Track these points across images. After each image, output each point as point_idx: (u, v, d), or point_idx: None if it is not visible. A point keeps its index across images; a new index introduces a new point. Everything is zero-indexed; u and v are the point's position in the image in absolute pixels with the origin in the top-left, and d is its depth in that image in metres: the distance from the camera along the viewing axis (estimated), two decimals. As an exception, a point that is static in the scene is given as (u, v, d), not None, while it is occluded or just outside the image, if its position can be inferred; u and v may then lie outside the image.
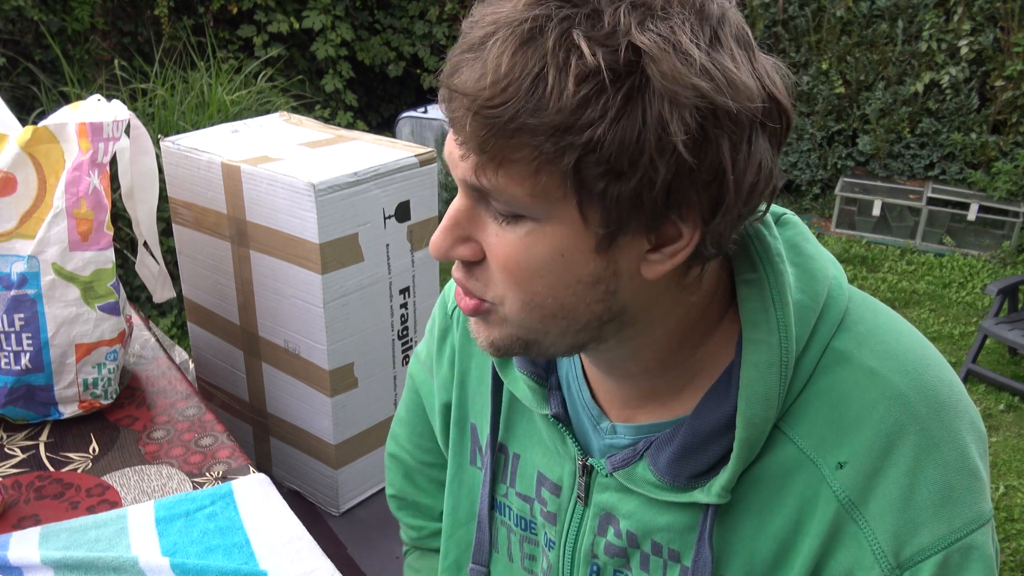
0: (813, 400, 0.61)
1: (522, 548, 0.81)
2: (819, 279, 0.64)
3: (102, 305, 1.34)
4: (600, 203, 0.53)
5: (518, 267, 0.57)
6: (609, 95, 0.50)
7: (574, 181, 0.52)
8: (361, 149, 1.68)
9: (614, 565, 0.72)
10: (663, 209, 0.54)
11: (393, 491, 1.02)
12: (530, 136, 0.51)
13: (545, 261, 0.57)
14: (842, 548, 0.60)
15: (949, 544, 0.58)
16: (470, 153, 0.54)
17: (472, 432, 0.85)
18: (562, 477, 0.74)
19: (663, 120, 0.50)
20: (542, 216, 0.55)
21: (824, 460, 0.60)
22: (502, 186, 0.54)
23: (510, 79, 0.50)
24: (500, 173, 0.53)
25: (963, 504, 0.59)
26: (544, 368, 0.74)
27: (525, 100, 0.50)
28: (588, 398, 0.72)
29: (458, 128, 0.54)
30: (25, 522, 1.13)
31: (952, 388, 0.63)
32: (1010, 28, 4.47)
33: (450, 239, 0.60)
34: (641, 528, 0.68)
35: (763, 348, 0.60)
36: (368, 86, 6.33)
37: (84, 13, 4.41)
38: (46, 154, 1.33)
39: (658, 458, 0.65)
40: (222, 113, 3.70)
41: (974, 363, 3.32)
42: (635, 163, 0.51)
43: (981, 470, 0.61)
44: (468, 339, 0.83)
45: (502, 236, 0.57)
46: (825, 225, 4.89)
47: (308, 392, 1.70)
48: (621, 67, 0.50)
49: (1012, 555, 2.51)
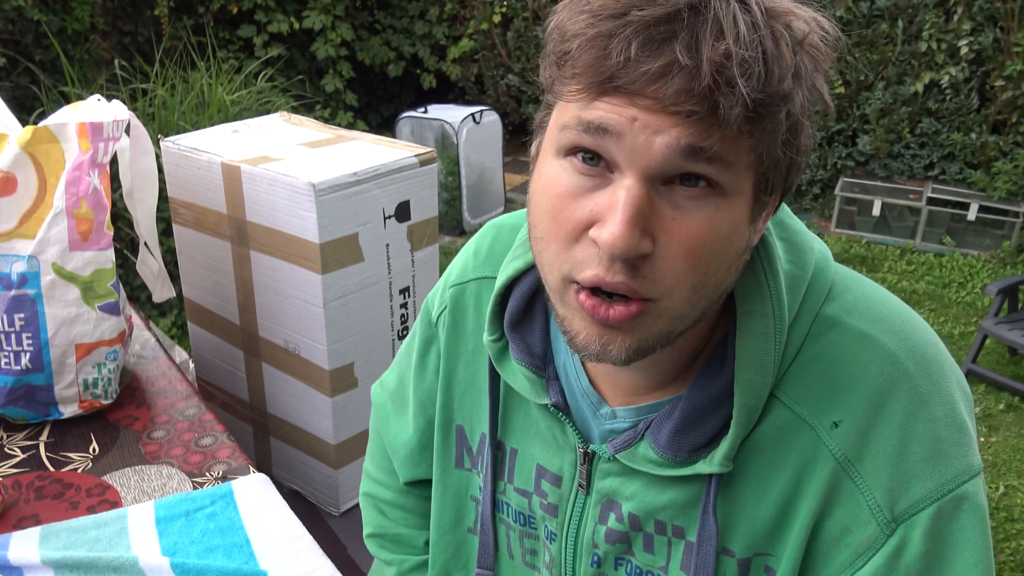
0: (806, 365, 0.63)
1: (522, 544, 0.81)
2: (806, 251, 0.66)
3: (102, 305, 1.34)
4: (774, 173, 0.55)
5: (703, 248, 0.54)
6: (799, 65, 0.52)
7: (770, 150, 0.53)
8: (361, 149, 1.68)
9: (615, 553, 0.72)
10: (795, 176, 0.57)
11: (370, 530, 0.99)
12: (765, 105, 0.51)
13: (726, 236, 0.55)
14: (839, 506, 0.61)
15: (941, 496, 0.60)
16: (707, 127, 0.50)
17: (458, 434, 0.84)
18: (562, 467, 0.74)
19: (816, 91, 0.54)
20: (733, 189, 0.54)
21: (819, 421, 0.62)
22: (731, 153, 0.52)
23: (752, 47, 0.50)
24: (732, 142, 0.52)
25: (953, 457, 0.61)
26: (541, 358, 0.74)
27: (762, 67, 0.50)
28: (587, 385, 0.72)
29: (688, 103, 0.50)
30: (25, 522, 1.13)
31: (938, 349, 0.65)
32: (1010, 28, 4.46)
33: (638, 231, 0.53)
34: (644, 509, 0.68)
35: (757, 318, 0.61)
36: (368, 86, 6.33)
37: (84, 13, 4.41)
38: (46, 154, 1.33)
39: (659, 435, 0.66)
40: (222, 113, 3.70)
41: (974, 363, 3.31)
42: (800, 132, 0.54)
43: (969, 425, 0.63)
44: (455, 341, 0.82)
45: (685, 219, 0.54)
46: (825, 225, 4.89)
47: (308, 392, 1.70)
48: (801, 39, 0.53)
49: (1012, 555, 2.51)
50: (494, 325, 0.75)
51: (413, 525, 0.96)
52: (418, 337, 0.88)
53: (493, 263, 0.80)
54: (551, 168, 0.58)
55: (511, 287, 0.75)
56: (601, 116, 0.52)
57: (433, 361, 0.85)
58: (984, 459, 2.93)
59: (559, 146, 0.57)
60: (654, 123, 0.51)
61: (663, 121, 0.51)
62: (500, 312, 0.75)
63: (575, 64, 0.53)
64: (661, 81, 0.50)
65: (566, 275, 0.57)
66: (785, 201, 0.63)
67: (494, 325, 0.75)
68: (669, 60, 0.49)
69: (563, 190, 0.56)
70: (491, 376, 0.78)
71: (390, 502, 0.98)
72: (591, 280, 0.55)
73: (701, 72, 0.49)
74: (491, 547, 0.83)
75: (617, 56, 0.50)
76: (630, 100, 0.52)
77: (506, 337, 0.75)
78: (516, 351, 0.74)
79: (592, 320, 0.57)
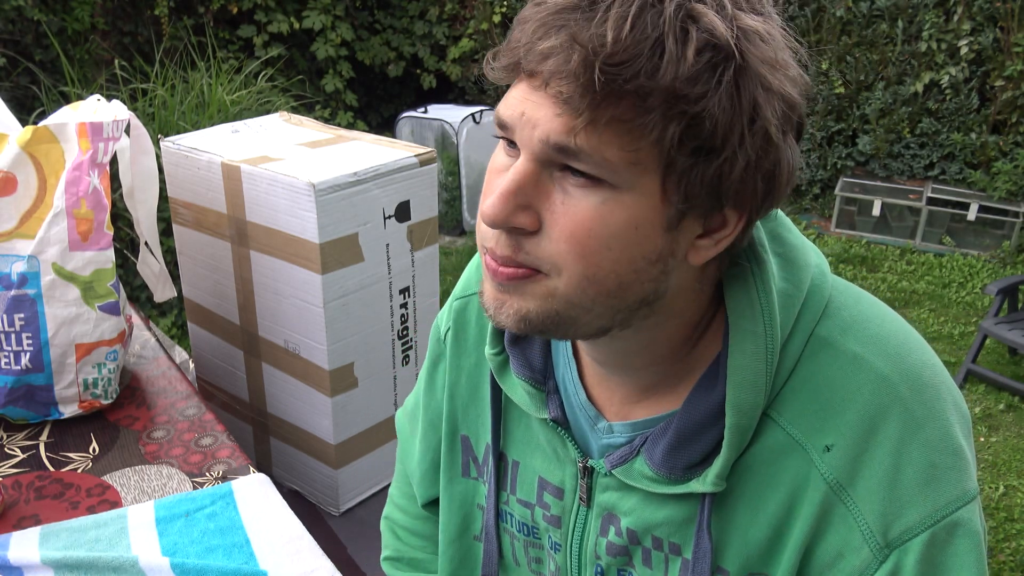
0: (799, 386, 0.62)
1: (527, 552, 0.81)
2: (802, 268, 0.65)
3: (102, 305, 1.34)
4: (684, 179, 0.54)
5: (588, 236, 0.56)
6: (720, 70, 0.51)
7: (668, 153, 0.53)
8: (361, 149, 1.68)
9: (617, 565, 0.72)
10: (730, 194, 0.55)
11: (387, 553, 1.00)
12: (643, 99, 0.51)
13: (618, 232, 0.56)
14: (831, 531, 0.61)
15: (935, 522, 0.59)
16: (574, 109, 0.52)
17: (463, 443, 0.84)
18: (564, 480, 0.74)
19: (757, 104, 0.53)
20: (624, 185, 0.54)
21: (812, 444, 0.61)
22: (596, 147, 0.53)
23: (634, 38, 0.50)
24: (599, 133, 0.52)
25: (948, 483, 0.60)
26: (542, 372, 0.74)
27: (646, 62, 0.50)
28: (584, 399, 0.72)
29: (562, 83, 0.52)
30: (25, 522, 1.13)
31: (935, 371, 0.64)
32: (1010, 28, 4.46)
33: (511, 205, 0.57)
34: (641, 524, 0.68)
35: (748, 336, 0.61)
36: (368, 86, 6.33)
37: (84, 13, 4.42)
38: (46, 154, 1.33)
39: (653, 452, 0.66)
40: (222, 113, 3.70)
41: (974, 363, 3.31)
42: (726, 143, 0.53)
43: (965, 449, 0.62)
44: (458, 354, 0.83)
45: (571, 204, 0.56)
46: (825, 225, 4.89)
47: (308, 392, 1.70)
48: (731, 45, 0.51)
49: (1012, 555, 2.51)
50: (495, 339, 0.76)
51: (431, 552, 0.97)
52: (429, 356, 0.89)
53: None
54: (497, 150, 0.63)
55: None
56: (503, 113, 0.58)
57: (441, 378, 0.86)
58: (984, 459, 2.93)
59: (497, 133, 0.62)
60: (535, 117, 0.55)
61: (543, 113, 0.54)
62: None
63: (505, 48, 0.57)
64: (545, 61, 0.53)
65: (480, 243, 0.62)
66: (785, 201, 0.63)
67: (495, 339, 0.76)
68: (555, 42, 0.52)
69: (494, 167, 0.62)
70: (493, 389, 0.78)
71: (408, 528, 0.99)
72: (489, 252, 0.60)
73: (575, 53, 0.51)
74: (495, 555, 0.83)
75: (525, 39, 0.54)
76: (529, 87, 0.56)
77: (507, 351, 0.75)
78: (516, 365, 0.74)
79: (491, 280, 0.61)
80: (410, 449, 0.95)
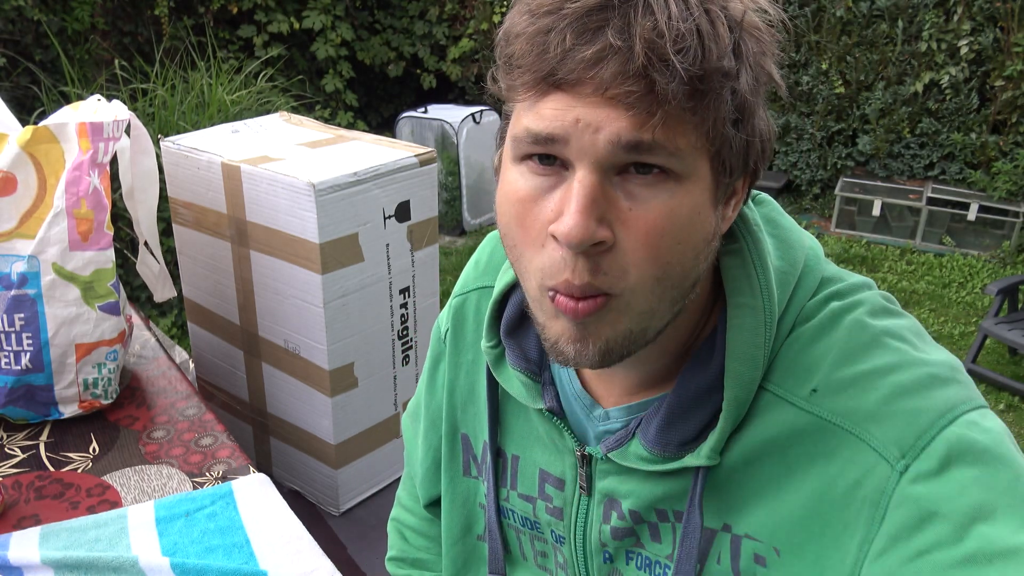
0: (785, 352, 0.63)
1: (533, 546, 0.81)
2: (796, 247, 0.66)
3: (102, 305, 1.34)
4: (728, 153, 0.55)
5: (662, 235, 0.54)
6: (741, 43, 0.54)
7: (718, 131, 0.54)
8: (361, 149, 1.68)
9: (625, 547, 0.72)
10: (751, 159, 0.58)
11: (392, 553, 1.01)
12: (700, 81, 0.51)
13: (686, 223, 0.55)
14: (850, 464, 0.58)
15: (950, 421, 0.57)
16: (645, 106, 0.51)
17: (464, 442, 0.85)
18: (564, 471, 0.75)
19: (765, 72, 0.56)
20: (686, 172, 0.54)
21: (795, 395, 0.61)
22: (671, 138, 0.52)
23: (686, 26, 0.51)
24: (672, 125, 0.52)
25: (953, 385, 0.59)
26: (537, 363, 0.74)
27: (696, 44, 0.51)
28: (579, 388, 0.73)
29: (628, 83, 0.51)
30: (25, 522, 1.13)
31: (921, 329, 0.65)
32: (1010, 28, 4.46)
33: (593, 220, 0.53)
34: (641, 503, 0.69)
35: (747, 311, 0.62)
36: (368, 86, 6.33)
37: (84, 13, 4.42)
38: (46, 154, 1.33)
39: (648, 431, 0.66)
40: (222, 113, 3.70)
41: (974, 363, 3.31)
42: (753, 111, 0.55)
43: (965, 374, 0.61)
44: (457, 351, 0.84)
45: (641, 207, 0.54)
46: (825, 225, 4.89)
47: (308, 392, 1.70)
48: (739, 19, 0.54)
49: (1012, 555, 2.51)
50: (491, 332, 0.76)
51: (436, 553, 0.97)
52: (429, 356, 0.89)
53: (492, 272, 0.81)
54: (511, 175, 0.59)
55: (508, 294, 0.76)
56: (547, 126, 0.54)
57: (441, 378, 0.86)
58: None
59: (515, 154, 0.58)
60: (596, 120, 0.52)
61: (604, 115, 0.52)
62: (497, 319, 0.76)
63: (519, 63, 0.54)
64: (598, 66, 0.51)
65: (540, 283, 0.58)
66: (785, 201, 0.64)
67: (491, 332, 0.76)
68: (603, 45, 0.51)
69: (524, 194, 0.57)
70: (489, 383, 0.79)
71: (415, 529, 0.99)
72: (562, 286, 0.56)
73: (634, 52, 0.50)
74: (500, 552, 0.83)
75: (555, 49, 0.52)
76: (573, 96, 0.53)
77: (503, 343, 0.75)
78: (512, 357, 0.74)
79: (567, 319, 0.57)
80: (413, 450, 0.95)
